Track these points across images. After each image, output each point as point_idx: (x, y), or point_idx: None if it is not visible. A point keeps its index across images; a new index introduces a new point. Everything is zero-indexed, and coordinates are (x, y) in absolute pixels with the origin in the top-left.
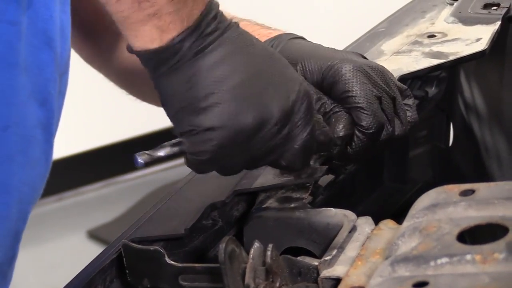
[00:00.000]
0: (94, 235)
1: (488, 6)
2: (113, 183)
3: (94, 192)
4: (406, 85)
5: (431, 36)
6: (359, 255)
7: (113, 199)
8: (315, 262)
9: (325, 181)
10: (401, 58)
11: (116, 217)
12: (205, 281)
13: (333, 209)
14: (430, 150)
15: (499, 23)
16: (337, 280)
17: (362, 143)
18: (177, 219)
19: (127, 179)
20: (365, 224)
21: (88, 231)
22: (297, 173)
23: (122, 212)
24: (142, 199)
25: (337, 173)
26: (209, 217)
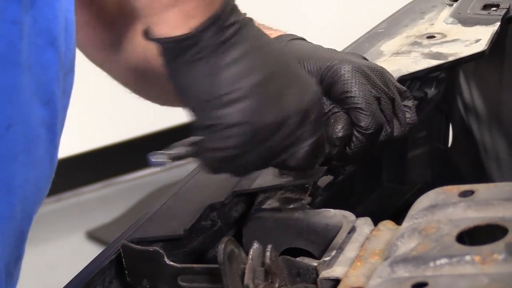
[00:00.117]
0: (93, 235)
1: (488, 7)
2: (112, 184)
3: (93, 193)
4: (405, 86)
5: (431, 37)
6: (358, 256)
7: (112, 200)
8: (314, 263)
9: (324, 182)
10: (400, 59)
11: (115, 217)
12: (204, 282)
13: (332, 210)
14: (429, 151)
15: (498, 24)
16: (336, 281)
17: (360, 144)
18: (176, 219)
19: (126, 179)
20: (364, 225)
21: (87, 232)
22: (296, 174)
23: (121, 213)
24: (141, 199)
25: (336, 174)
26: (208, 218)
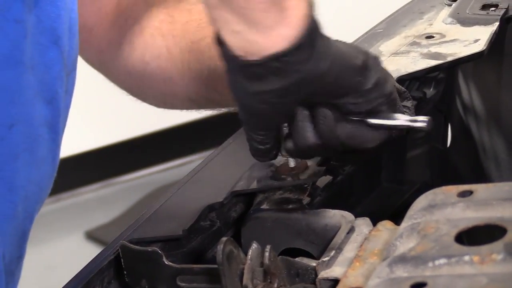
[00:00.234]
0: (92, 236)
1: (486, 7)
2: (111, 184)
3: (92, 193)
4: (404, 86)
5: (429, 37)
6: (357, 256)
7: (111, 200)
8: (313, 263)
9: (323, 182)
10: (399, 59)
11: (114, 218)
12: (203, 282)
13: (331, 210)
14: (428, 151)
15: (497, 24)
16: (335, 281)
17: None
18: (175, 220)
19: (125, 180)
20: (363, 225)
21: (86, 232)
22: (295, 174)
23: (120, 213)
24: (140, 200)
25: (335, 174)
26: (207, 218)
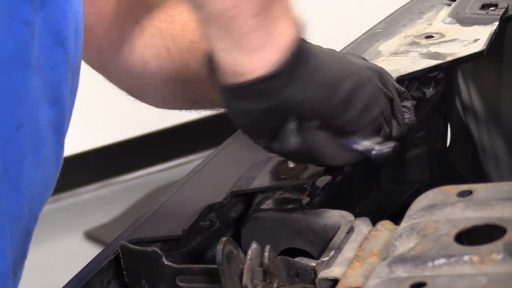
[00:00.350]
0: (91, 236)
1: (486, 6)
2: (110, 184)
3: (91, 193)
4: (403, 86)
5: (429, 36)
6: (357, 256)
7: (111, 200)
8: (313, 263)
9: (322, 182)
10: (399, 59)
11: (113, 218)
12: (202, 282)
13: (330, 210)
14: (427, 151)
15: (497, 23)
16: (335, 281)
17: None
18: (175, 220)
19: (124, 179)
20: (363, 225)
21: (85, 232)
22: (294, 174)
23: (119, 213)
24: (139, 200)
25: (334, 174)
26: (207, 218)
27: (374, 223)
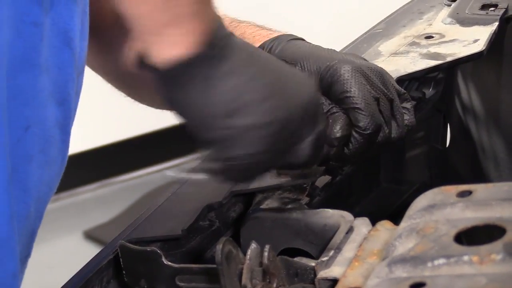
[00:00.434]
0: (91, 235)
1: (486, 7)
2: (110, 184)
3: (91, 193)
4: (403, 86)
5: (429, 37)
6: (356, 256)
7: (110, 200)
8: (312, 263)
9: (322, 182)
10: (399, 59)
11: (113, 217)
12: (202, 282)
13: (330, 210)
14: (427, 151)
15: (496, 24)
16: (334, 281)
17: (359, 144)
18: (174, 220)
19: (124, 179)
20: (362, 225)
21: (84, 232)
22: (294, 174)
23: (119, 213)
24: (139, 199)
25: (334, 174)
26: (206, 218)
27: (374, 223)
